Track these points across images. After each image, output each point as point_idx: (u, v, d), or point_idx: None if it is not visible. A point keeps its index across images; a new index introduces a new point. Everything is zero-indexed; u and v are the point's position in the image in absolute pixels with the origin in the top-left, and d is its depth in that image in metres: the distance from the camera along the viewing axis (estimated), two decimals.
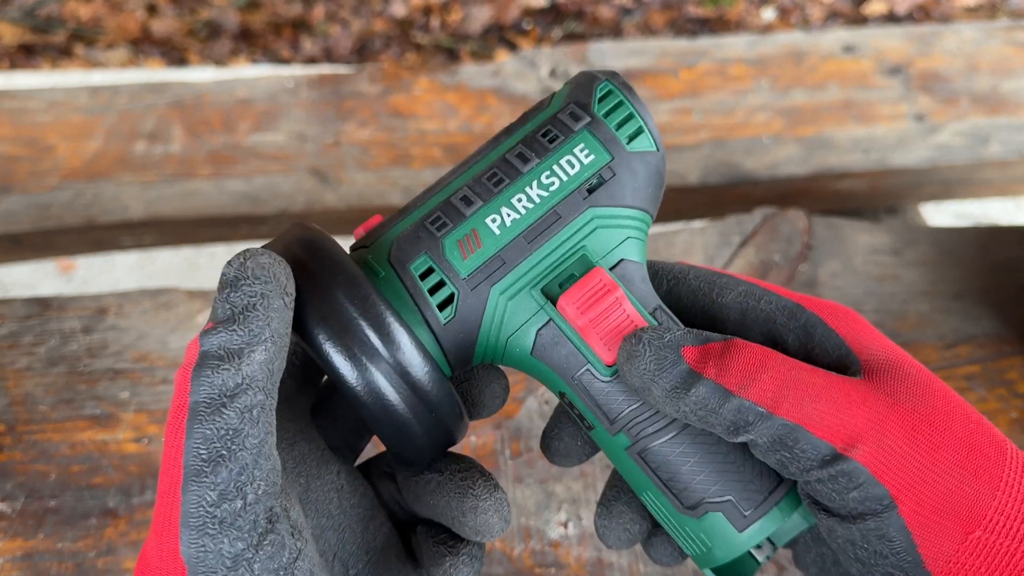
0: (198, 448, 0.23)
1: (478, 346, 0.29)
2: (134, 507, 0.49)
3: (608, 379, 0.28)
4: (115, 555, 0.47)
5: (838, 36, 0.86)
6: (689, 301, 0.31)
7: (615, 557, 0.47)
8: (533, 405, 0.53)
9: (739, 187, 0.74)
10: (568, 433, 0.33)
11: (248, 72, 1.73)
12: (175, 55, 1.87)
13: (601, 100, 0.29)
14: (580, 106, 0.29)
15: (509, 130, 0.30)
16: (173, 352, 0.56)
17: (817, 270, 0.61)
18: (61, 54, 1.85)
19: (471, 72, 0.82)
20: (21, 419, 0.53)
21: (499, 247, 0.28)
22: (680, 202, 0.76)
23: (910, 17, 1.96)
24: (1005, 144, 0.77)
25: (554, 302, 0.28)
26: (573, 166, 0.29)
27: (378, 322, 0.26)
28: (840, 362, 0.28)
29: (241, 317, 0.24)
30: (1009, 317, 0.59)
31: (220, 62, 1.86)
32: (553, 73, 0.82)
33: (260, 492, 0.24)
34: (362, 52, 1.90)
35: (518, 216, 0.28)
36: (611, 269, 0.29)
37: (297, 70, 1.70)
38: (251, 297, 0.24)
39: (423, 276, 0.28)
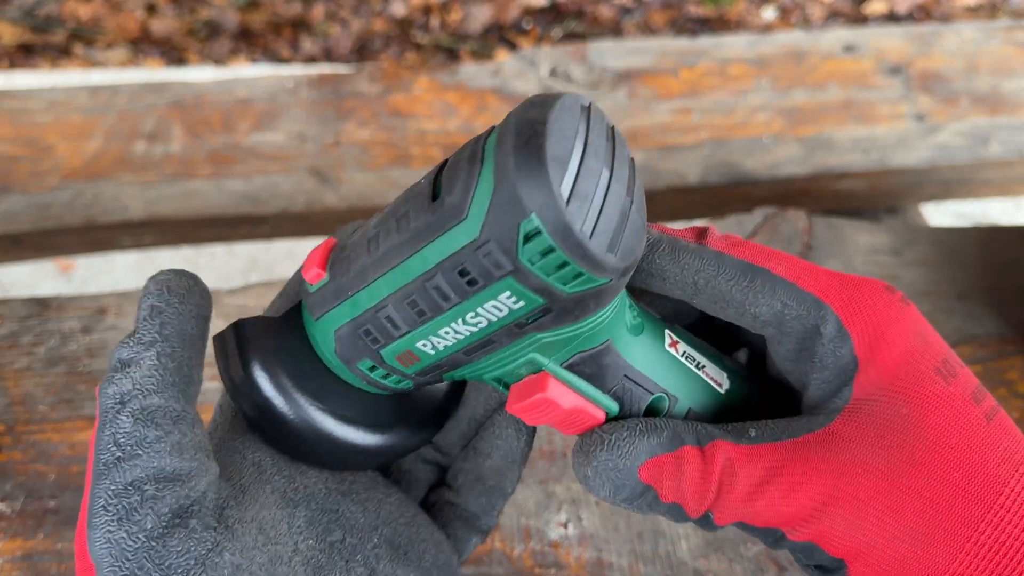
0: (100, 453, 0.25)
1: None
2: None
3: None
4: None
5: (838, 36, 0.86)
6: (721, 306, 0.28)
7: (615, 557, 0.47)
8: None
9: (739, 187, 0.74)
10: None
11: (248, 72, 1.73)
12: (175, 55, 1.87)
13: (527, 241, 0.22)
14: (500, 246, 0.22)
15: (426, 227, 0.24)
16: None
17: None
18: (61, 54, 1.85)
19: (471, 72, 0.82)
20: (21, 419, 0.53)
21: (436, 360, 0.27)
22: (680, 202, 0.76)
23: (910, 17, 1.96)
24: (1005, 144, 0.77)
25: (507, 387, 0.28)
26: (500, 310, 0.24)
27: (309, 424, 0.29)
28: (836, 395, 0.27)
29: (134, 330, 0.27)
30: (1010, 317, 0.59)
31: (220, 62, 1.86)
32: (553, 72, 0.82)
33: (159, 488, 0.25)
34: (362, 52, 1.90)
35: (448, 343, 0.26)
36: (563, 364, 0.27)
37: (297, 70, 1.70)
38: (143, 311, 0.27)
39: (371, 370, 0.28)
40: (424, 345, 0.26)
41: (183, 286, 0.28)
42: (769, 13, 1.99)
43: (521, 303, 0.24)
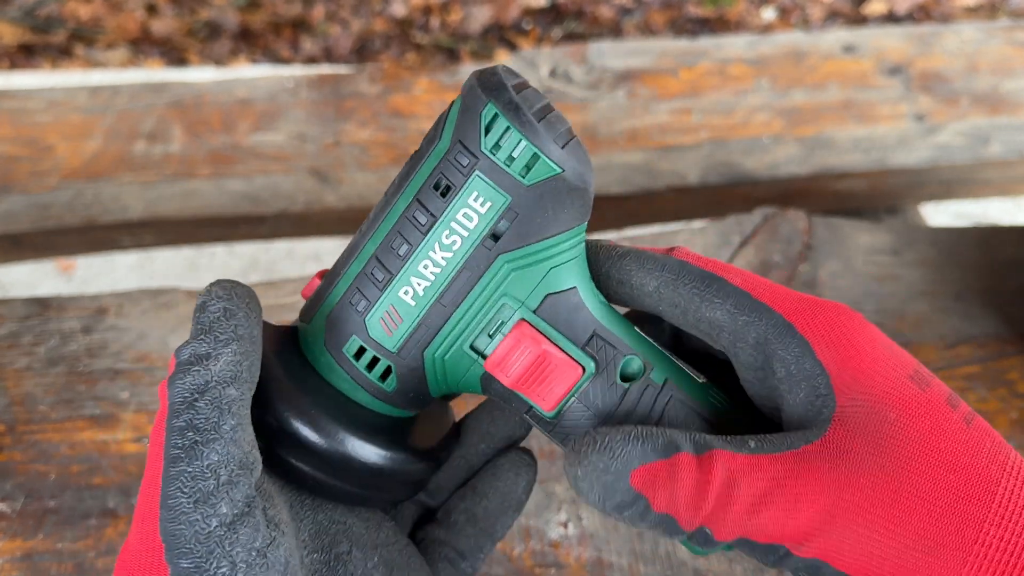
0: (175, 439, 0.25)
1: (432, 394, 0.30)
2: (134, 507, 0.49)
3: (552, 420, 0.29)
4: (115, 555, 0.47)
5: (838, 36, 0.86)
6: (681, 308, 0.29)
7: (615, 557, 0.47)
8: None
9: (739, 187, 0.74)
10: None
11: (248, 72, 1.73)
12: (175, 55, 1.87)
13: (488, 131, 0.27)
14: (466, 144, 0.27)
15: (407, 172, 0.29)
16: (173, 352, 0.56)
17: (817, 270, 0.61)
18: (61, 54, 1.85)
19: (471, 72, 0.82)
20: (21, 419, 0.53)
21: (418, 315, 0.28)
22: (680, 202, 0.76)
23: (910, 17, 1.96)
24: (1005, 144, 0.77)
25: (484, 356, 0.29)
26: (471, 219, 0.27)
27: (318, 426, 0.28)
28: (815, 404, 0.27)
29: (208, 329, 0.27)
30: (1010, 317, 0.59)
31: (220, 62, 1.86)
32: (553, 73, 0.82)
33: (233, 475, 0.25)
34: (362, 52, 1.90)
35: (428, 283, 0.28)
36: (535, 311, 0.28)
37: (297, 70, 1.70)
38: (215, 313, 0.27)
39: (356, 356, 0.29)
40: (405, 293, 0.28)
41: (247, 293, 0.29)
42: (769, 13, 1.99)
43: (488, 204, 0.27)
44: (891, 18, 1.96)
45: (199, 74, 1.69)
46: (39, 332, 0.57)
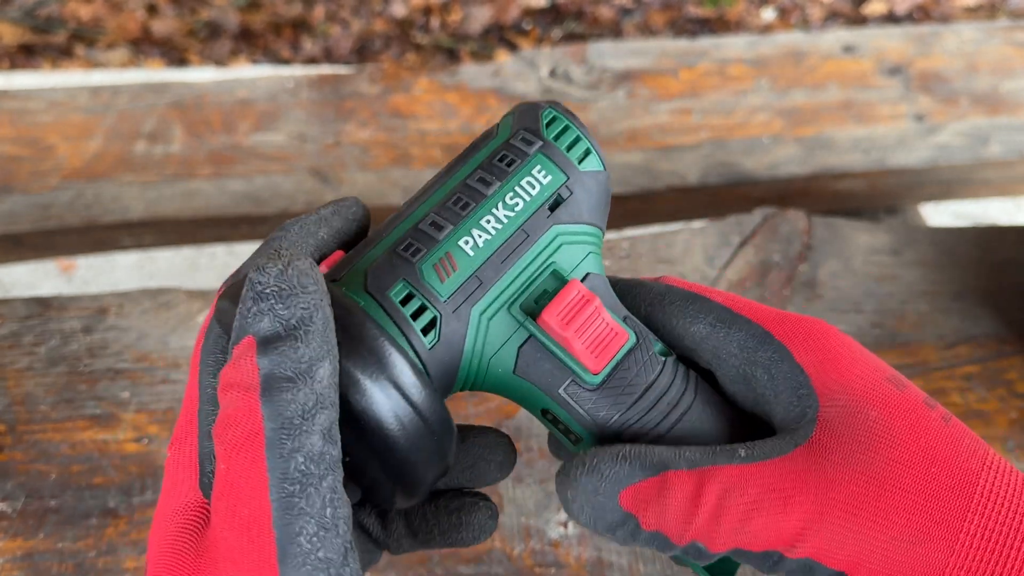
0: (285, 476, 0.22)
1: (461, 370, 0.29)
2: (134, 507, 0.49)
3: (595, 387, 0.29)
4: (115, 555, 0.47)
5: (838, 36, 0.86)
6: (667, 327, 0.31)
7: (615, 557, 0.47)
8: None
9: (739, 187, 0.75)
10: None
11: (248, 72, 1.73)
12: (175, 55, 1.87)
13: (548, 125, 0.31)
14: (530, 131, 0.31)
15: (461, 159, 0.31)
16: (173, 352, 0.56)
17: (817, 270, 0.61)
18: (61, 54, 1.85)
19: (471, 72, 0.83)
20: (21, 419, 0.53)
21: (475, 267, 0.28)
22: (680, 202, 0.76)
23: (910, 17, 1.96)
24: (1005, 144, 0.77)
25: (534, 318, 0.29)
26: (533, 187, 0.30)
27: (376, 347, 0.25)
28: (798, 405, 0.28)
29: (300, 332, 0.23)
30: (1009, 317, 0.59)
31: (220, 62, 1.86)
32: (553, 73, 0.83)
33: (345, 515, 0.23)
34: (362, 52, 1.90)
35: (489, 236, 0.29)
36: (582, 281, 0.30)
37: (297, 70, 1.70)
38: (304, 310, 0.23)
39: (403, 302, 0.27)
40: (465, 242, 0.28)
41: (324, 280, 0.25)
42: (768, 14, 1.99)
43: (549, 177, 0.30)
44: (891, 18, 1.96)
45: (199, 74, 1.69)
46: (40, 332, 0.57)
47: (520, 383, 0.29)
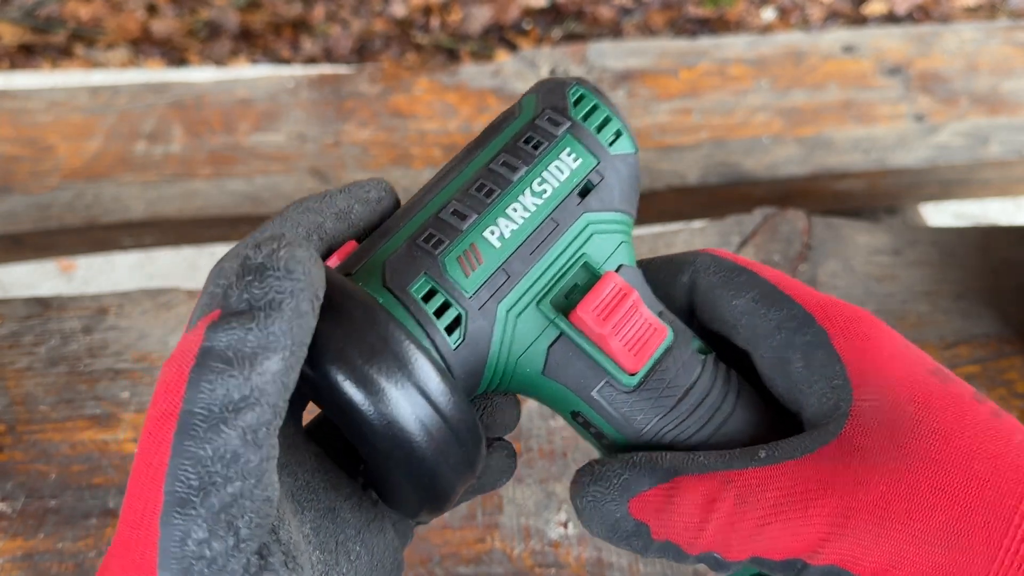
0: (186, 472, 0.20)
1: (487, 370, 0.27)
2: None
3: (632, 389, 0.27)
4: None
5: (838, 36, 0.86)
6: (707, 300, 0.29)
7: (615, 557, 0.47)
8: (533, 405, 0.53)
9: (739, 187, 0.75)
10: None
11: (248, 72, 1.73)
12: (175, 55, 1.87)
13: (576, 104, 0.28)
14: (557, 111, 0.28)
15: (482, 141, 0.28)
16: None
17: (817, 270, 0.61)
18: (61, 54, 1.85)
19: (471, 72, 0.83)
20: (21, 419, 0.53)
21: (502, 260, 0.26)
22: (680, 202, 0.76)
23: (910, 17, 1.96)
24: (1005, 144, 0.77)
25: (565, 314, 0.27)
26: (563, 171, 0.27)
27: (400, 350, 0.23)
28: (831, 396, 0.26)
29: (261, 314, 0.21)
30: (1009, 317, 0.59)
31: (220, 62, 1.86)
32: (553, 73, 0.83)
33: (253, 526, 0.21)
34: (362, 52, 1.90)
35: (516, 226, 0.26)
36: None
37: (297, 70, 1.70)
38: (277, 293, 0.21)
39: (426, 298, 0.25)
40: (491, 233, 0.26)
41: (319, 275, 0.23)
42: (768, 14, 1.99)
43: (579, 160, 0.28)
44: (891, 18, 1.96)
45: (199, 74, 1.69)
46: (40, 332, 0.57)
47: (550, 384, 0.27)
